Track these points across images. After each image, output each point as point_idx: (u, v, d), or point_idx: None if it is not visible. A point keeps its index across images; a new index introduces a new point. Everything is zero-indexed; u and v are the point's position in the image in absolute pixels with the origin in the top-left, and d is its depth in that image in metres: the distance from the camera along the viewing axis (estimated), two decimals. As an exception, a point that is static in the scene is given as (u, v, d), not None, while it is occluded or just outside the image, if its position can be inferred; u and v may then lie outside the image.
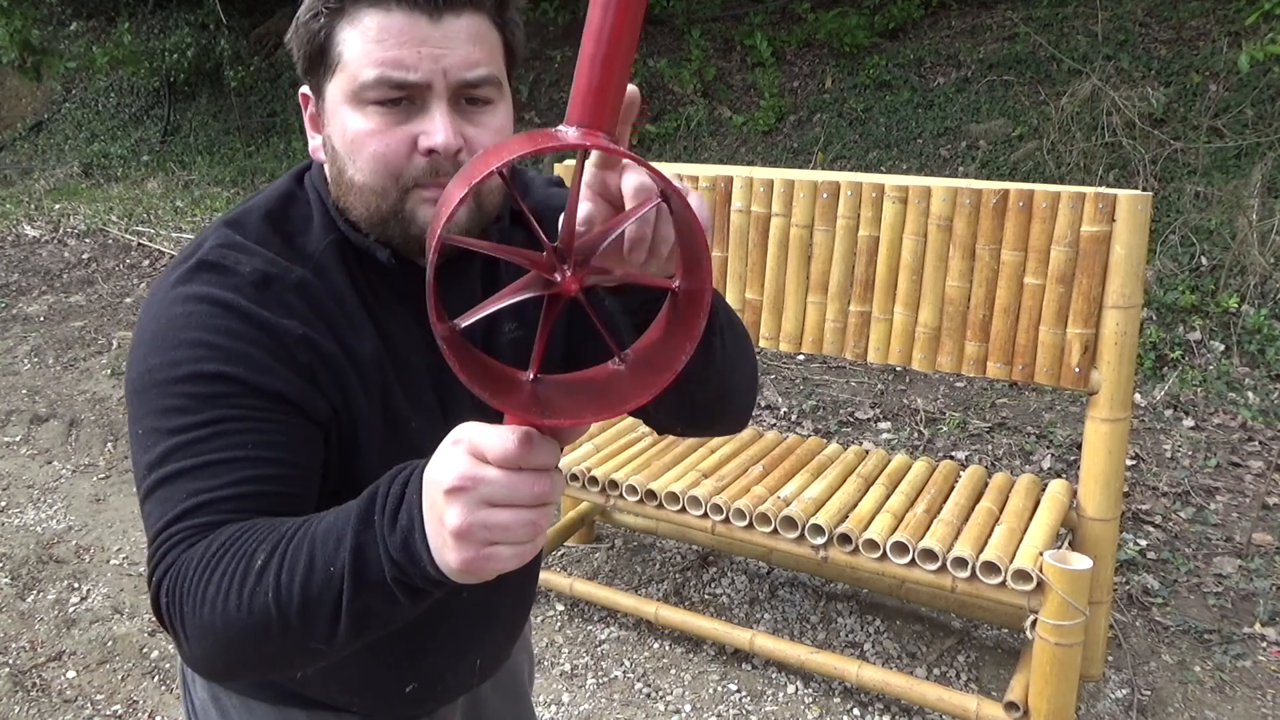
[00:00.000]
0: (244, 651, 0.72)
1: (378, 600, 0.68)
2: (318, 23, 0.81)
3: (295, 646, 0.71)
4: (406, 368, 0.90)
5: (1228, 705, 2.32)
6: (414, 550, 0.64)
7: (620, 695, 2.41)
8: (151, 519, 0.78)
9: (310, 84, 0.86)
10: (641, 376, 0.62)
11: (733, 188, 2.40)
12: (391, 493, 0.67)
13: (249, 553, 0.71)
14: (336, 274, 0.86)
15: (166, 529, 0.76)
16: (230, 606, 0.70)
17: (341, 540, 0.68)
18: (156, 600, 0.76)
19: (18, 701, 2.45)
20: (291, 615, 0.69)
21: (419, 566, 0.64)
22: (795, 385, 4.18)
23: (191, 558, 0.74)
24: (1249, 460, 3.38)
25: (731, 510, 2.24)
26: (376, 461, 0.87)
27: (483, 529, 0.60)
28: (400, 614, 0.69)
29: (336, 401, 0.85)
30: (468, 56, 0.79)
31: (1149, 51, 5.35)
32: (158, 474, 0.78)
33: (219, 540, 0.73)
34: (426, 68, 0.78)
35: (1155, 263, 4.23)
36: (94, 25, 10.93)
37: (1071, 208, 2.01)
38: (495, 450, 0.60)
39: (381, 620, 0.70)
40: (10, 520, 3.39)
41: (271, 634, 0.70)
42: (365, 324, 0.87)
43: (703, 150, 6.43)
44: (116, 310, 5.64)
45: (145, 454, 0.79)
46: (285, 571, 0.69)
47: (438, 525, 0.62)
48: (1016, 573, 1.96)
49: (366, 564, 0.67)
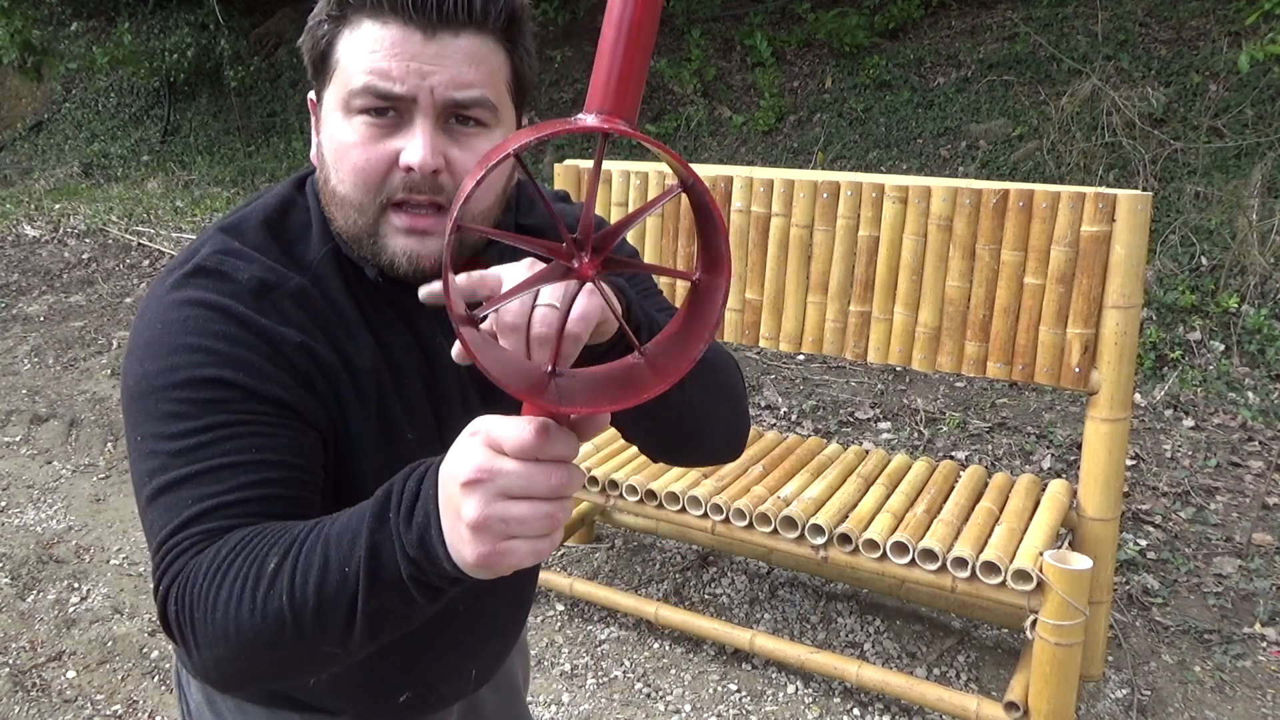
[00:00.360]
0: (257, 657, 0.71)
1: (394, 599, 0.67)
2: (321, 29, 0.81)
3: (309, 651, 0.70)
4: (403, 379, 0.89)
5: (1228, 705, 2.32)
6: (430, 547, 0.63)
7: (620, 695, 2.41)
8: (155, 527, 0.77)
9: (315, 88, 0.86)
10: (659, 368, 0.62)
11: (733, 188, 2.40)
12: (407, 489, 0.66)
13: (260, 556, 0.70)
14: (334, 283, 0.86)
15: (172, 536, 0.75)
16: (243, 611, 0.69)
17: (356, 539, 0.67)
18: (164, 609, 0.75)
19: (18, 701, 2.45)
20: (306, 618, 0.68)
21: (436, 563, 0.63)
22: (795, 385, 4.18)
23: (200, 564, 0.73)
24: (1249, 460, 3.38)
25: (731, 510, 2.24)
26: (372, 472, 0.86)
27: (500, 522, 0.59)
28: (416, 614, 0.68)
29: (333, 411, 0.84)
30: (459, 76, 0.78)
31: (1149, 51, 5.35)
32: (159, 481, 0.77)
33: (228, 545, 0.72)
34: (413, 83, 0.77)
35: (1155, 263, 4.23)
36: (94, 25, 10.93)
37: (1071, 208, 2.01)
38: (512, 441, 0.59)
39: (397, 621, 0.69)
40: (10, 520, 3.39)
41: (285, 638, 0.69)
42: (363, 334, 0.86)
43: (703, 150, 6.43)
44: (116, 310, 5.64)
45: (145, 461, 0.78)
46: (299, 573, 0.68)
47: (454, 519, 0.61)
48: (1016, 573, 1.96)
49: (382, 563, 0.66)
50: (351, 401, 0.85)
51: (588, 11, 7.42)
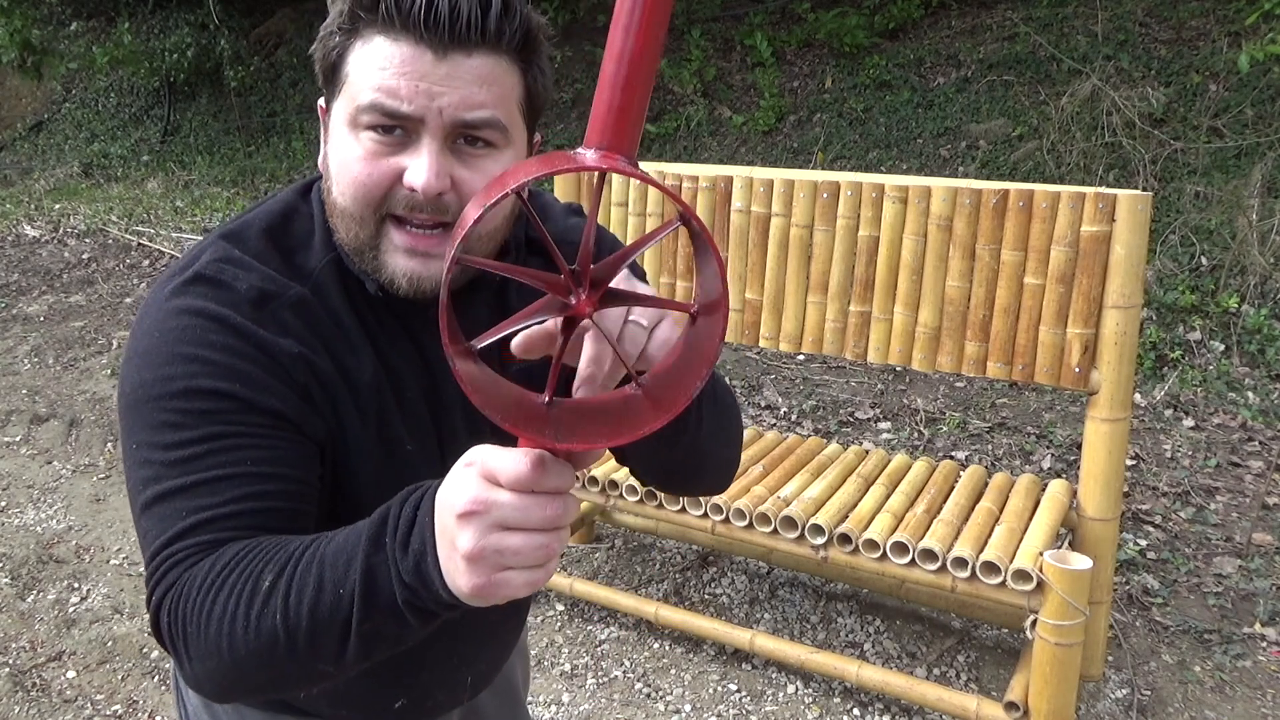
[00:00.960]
0: (249, 673, 0.71)
1: (388, 623, 0.67)
2: (333, 39, 0.80)
3: (301, 668, 0.71)
4: (404, 391, 0.89)
5: (1228, 705, 2.32)
6: (426, 574, 0.64)
7: (620, 695, 2.41)
8: (149, 537, 0.77)
9: (325, 97, 0.85)
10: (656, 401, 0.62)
11: (733, 188, 2.40)
12: (404, 515, 0.67)
13: (255, 573, 0.71)
14: (335, 293, 0.85)
15: (166, 547, 0.75)
16: (237, 628, 0.70)
17: (352, 562, 0.67)
18: (156, 620, 0.75)
19: (18, 701, 2.45)
20: (300, 637, 0.69)
21: (431, 590, 0.64)
22: (795, 385, 4.18)
23: (195, 577, 0.73)
24: (1249, 460, 3.38)
25: (731, 510, 2.24)
26: (372, 485, 0.86)
27: (495, 553, 0.60)
28: (410, 636, 0.69)
29: (331, 422, 0.84)
30: (470, 97, 0.77)
31: (1149, 51, 5.35)
32: (154, 490, 0.77)
33: (223, 559, 0.73)
34: (421, 103, 0.76)
35: (1155, 263, 4.23)
36: (94, 25, 10.93)
37: (1071, 208, 2.01)
38: (508, 473, 0.60)
39: (390, 642, 0.70)
40: (10, 520, 3.39)
41: (278, 656, 0.70)
42: (364, 346, 0.86)
43: (703, 150, 6.43)
44: (116, 310, 5.64)
45: (140, 469, 0.78)
46: (294, 593, 0.69)
47: (449, 549, 0.62)
48: (1016, 573, 1.96)
49: (377, 587, 0.66)
50: (350, 412, 0.85)
51: (588, 11, 7.42)
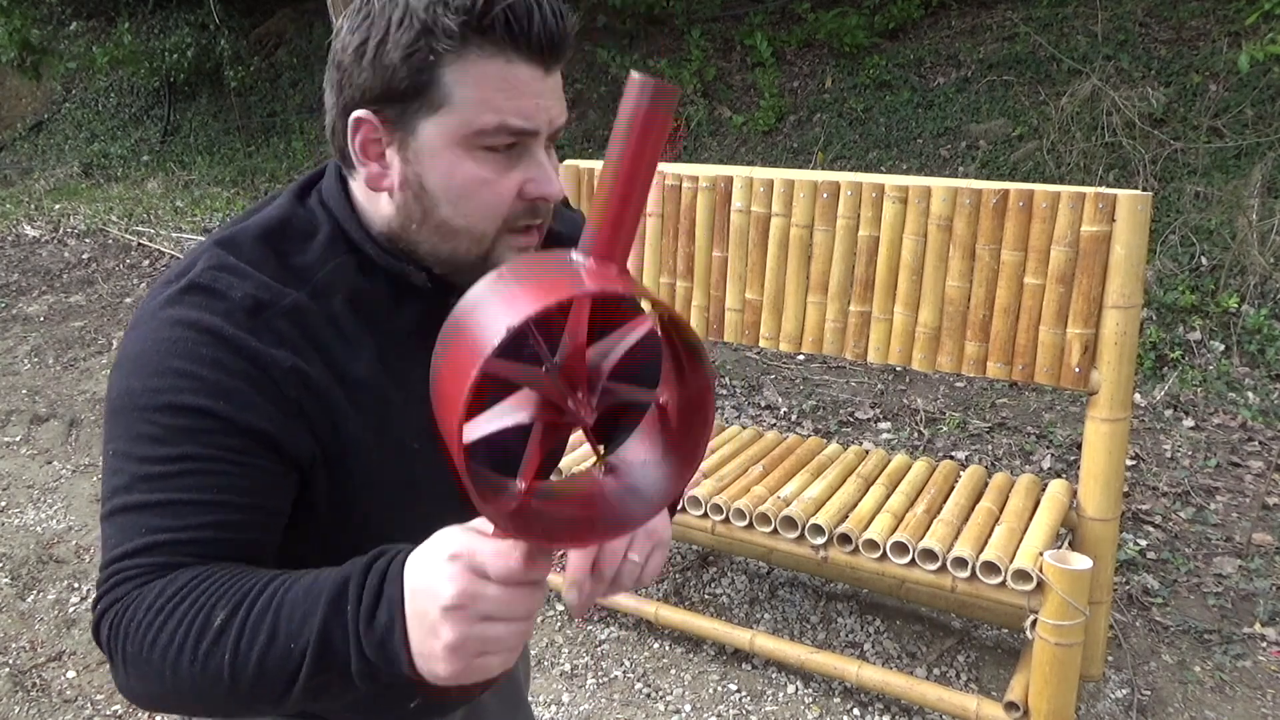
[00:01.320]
0: (186, 701, 0.73)
1: (336, 682, 0.69)
2: (421, 60, 0.77)
3: (240, 705, 0.73)
4: (410, 391, 0.88)
5: (1228, 705, 2.32)
6: (392, 651, 0.66)
7: (620, 695, 2.41)
8: (108, 544, 0.79)
9: (387, 113, 0.81)
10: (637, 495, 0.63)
11: (733, 188, 2.40)
12: (368, 587, 0.67)
13: (208, 607, 0.72)
14: (339, 296, 0.85)
15: (121, 560, 0.77)
16: (183, 660, 0.71)
17: (308, 619, 0.68)
18: (97, 626, 0.78)
19: (18, 701, 2.45)
20: (244, 680, 0.70)
21: (394, 666, 0.66)
22: (795, 385, 4.18)
23: (144, 598, 0.74)
24: (1249, 460, 3.38)
25: (731, 510, 2.24)
26: (374, 485, 0.86)
27: (477, 642, 0.63)
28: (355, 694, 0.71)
29: (324, 433, 0.83)
30: (561, 106, 0.84)
31: (1149, 51, 5.35)
32: (122, 500, 0.78)
33: (175, 585, 0.74)
34: (541, 119, 0.81)
35: (1155, 263, 4.23)
36: (94, 25, 10.93)
37: (1071, 208, 2.01)
38: (499, 570, 0.62)
39: (335, 695, 0.71)
40: (10, 520, 3.39)
41: (219, 692, 0.71)
42: (365, 343, 0.85)
43: (703, 150, 6.43)
44: (116, 310, 5.64)
45: (113, 476, 0.79)
46: (245, 638, 0.70)
47: (427, 636, 0.64)
48: (1016, 573, 1.96)
49: (332, 651, 0.68)
50: (346, 413, 0.84)
51: (588, 11, 7.42)
